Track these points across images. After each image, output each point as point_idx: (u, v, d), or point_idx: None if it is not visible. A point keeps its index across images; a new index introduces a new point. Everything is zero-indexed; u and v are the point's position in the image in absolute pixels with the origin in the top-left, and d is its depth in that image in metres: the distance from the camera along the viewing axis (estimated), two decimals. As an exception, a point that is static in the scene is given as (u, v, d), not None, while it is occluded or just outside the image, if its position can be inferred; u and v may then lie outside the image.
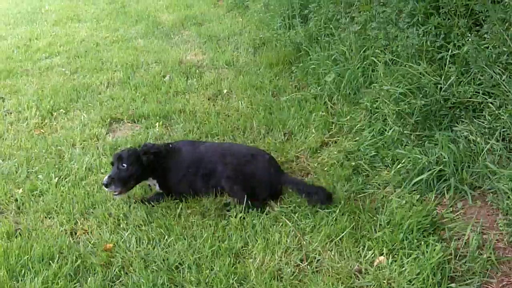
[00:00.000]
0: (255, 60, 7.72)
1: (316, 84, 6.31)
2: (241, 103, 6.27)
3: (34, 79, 7.73)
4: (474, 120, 4.46)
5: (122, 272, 3.71)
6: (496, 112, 4.24)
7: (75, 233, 4.20)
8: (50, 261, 3.82)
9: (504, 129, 4.19)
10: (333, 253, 3.72)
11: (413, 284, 3.35)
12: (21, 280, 3.66)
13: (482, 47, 4.53)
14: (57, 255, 3.87)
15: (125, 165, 4.32)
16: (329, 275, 3.53)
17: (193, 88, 6.95)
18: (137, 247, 3.94)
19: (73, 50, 9.11)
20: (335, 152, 4.96)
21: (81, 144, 5.58)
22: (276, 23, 8.53)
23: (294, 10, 8.07)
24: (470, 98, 4.50)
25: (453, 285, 3.34)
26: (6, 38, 10.33)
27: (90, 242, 4.05)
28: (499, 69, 4.36)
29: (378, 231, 3.85)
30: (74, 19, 11.60)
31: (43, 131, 5.98)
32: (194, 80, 7.18)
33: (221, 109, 6.19)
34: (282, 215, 4.17)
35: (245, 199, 4.21)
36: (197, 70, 7.57)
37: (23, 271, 3.73)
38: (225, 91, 6.74)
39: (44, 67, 8.30)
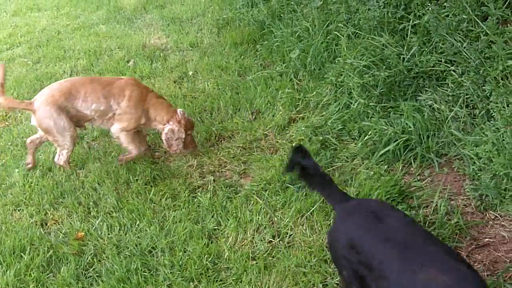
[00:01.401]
0: (219, 40, 7.66)
1: (281, 62, 6.30)
2: (207, 84, 6.23)
3: (-4, 71, 7.55)
4: (438, 88, 4.51)
5: (95, 260, 3.71)
6: (459, 79, 4.30)
7: (46, 224, 4.18)
8: (22, 253, 3.80)
9: (467, 96, 4.25)
10: (304, 228, 3.77)
11: (384, 253, 3.40)
12: (-7, 274, 3.63)
13: (442, 15, 4.56)
14: (29, 247, 3.85)
15: None
16: (301, 249, 3.58)
17: (158, 71, 6.87)
18: (108, 234, 3.94)
19: (34, 40, 8.92)
20: (303, 128, 4.96)
21: (47, 135, 5.47)
22: (238, 2, 8.47)
23: (256, -13, 8.01)
24: (433, 67, 4.56)
25: (423, 251, 3.40)
26: (-36, 31, 10.06)
27: (61, 232, 4.03)
28: (459, 37, 4.42)
29: (348, 203, 3.89)
30: (34, 8, 11.31)
31: (8, 124, 5.89)
32: (159, 64, 7.10)
33: (188, 92, 6.14)
34: (253, 193, 4.19)
35: None
36: (162, 54, 7.48)
37: (-6, 265, 3.70)
38: (190, 73, 6.69)
39: (5, 58, 8.11)
